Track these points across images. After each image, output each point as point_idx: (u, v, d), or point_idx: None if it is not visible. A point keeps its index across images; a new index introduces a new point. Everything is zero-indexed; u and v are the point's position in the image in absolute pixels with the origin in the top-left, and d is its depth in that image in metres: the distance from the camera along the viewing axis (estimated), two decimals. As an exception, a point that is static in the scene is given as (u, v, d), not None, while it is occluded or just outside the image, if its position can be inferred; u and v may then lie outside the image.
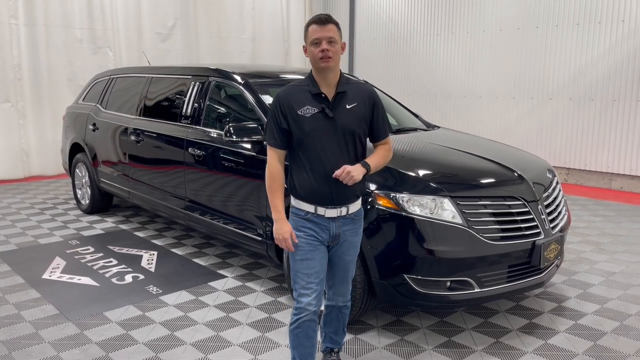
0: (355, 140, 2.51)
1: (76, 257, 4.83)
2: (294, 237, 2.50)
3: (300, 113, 2.45)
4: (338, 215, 2.52)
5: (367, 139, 2.64)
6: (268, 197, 2.55)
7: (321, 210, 2.50)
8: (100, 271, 4.48)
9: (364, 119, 2.53)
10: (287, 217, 2.57)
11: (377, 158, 2.58)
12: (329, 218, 2.51)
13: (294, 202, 2.56)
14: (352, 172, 2.40)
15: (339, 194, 2.49)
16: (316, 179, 2.48)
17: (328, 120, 2.46)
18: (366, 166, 2.48)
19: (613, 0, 7.42)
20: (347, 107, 2.50)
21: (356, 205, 2.60)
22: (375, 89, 5.45)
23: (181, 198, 4.73)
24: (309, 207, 2.51)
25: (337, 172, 2.41)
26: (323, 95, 2.48)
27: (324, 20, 2.43)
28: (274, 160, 2.53)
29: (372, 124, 2.58)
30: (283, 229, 2.49)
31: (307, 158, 2.48)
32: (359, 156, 2.54)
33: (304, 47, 2.52)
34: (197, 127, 4.55)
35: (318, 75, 2.49)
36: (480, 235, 3.14)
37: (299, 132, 2.46)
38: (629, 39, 7.33)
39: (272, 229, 2.58)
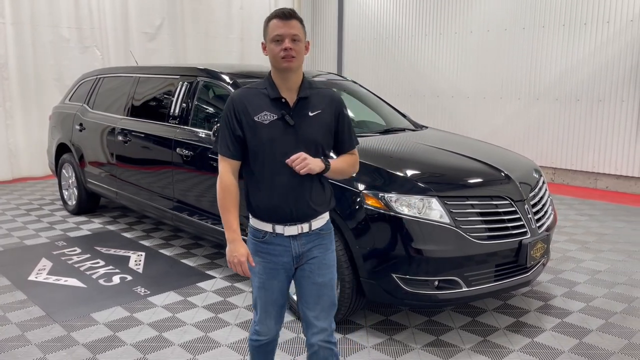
0: (319, 153, 2.22)
1: (63, 258, 4.79)
2: (250, 261, 2.22)
3: (257, 119, 2.16)
4: (299, 232, 2.23)
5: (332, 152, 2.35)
6: (220, 214, 2.23)
7: (279, 229, 2.21)
8: (87, 272, 4.45)
9: (328, 128, 2.24)
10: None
11: (340, 161, 2.30)
12: (289, 237, 2.23)
13: (252, 221, 2.29)
14: (308, 160, 2.12)
15: (299, 209, 2.20)
16: (273, 194, 2.19)
17: (288, 129, 2.16)
18: (326, 163, 2.20)
19: (599, 2, 7.50)
20: (310, 114, 2.20)
21: (320, 221, 2.29)
22: (365, 89, 5.40)
23: (169, 198, 4.71)
24: (266, 227, 2.23)
25: (293, 156, 2.12)
26: (283, 100, 2.18)
27: (287, 15, 2.15)
28: (227, 172, 2.22)
29: (337, 135, 2.29)
30: (239, 251, 2.19)
31: (263, 171, 2.19)
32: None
33: (262, 44, 2.24)
34: (185, 127, 4.53)
35: (278, 77, 2.20)
36: (468, 235, 3.16)
37: (255, 141, 2.17)
38: (614, 41, 7.41)
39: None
